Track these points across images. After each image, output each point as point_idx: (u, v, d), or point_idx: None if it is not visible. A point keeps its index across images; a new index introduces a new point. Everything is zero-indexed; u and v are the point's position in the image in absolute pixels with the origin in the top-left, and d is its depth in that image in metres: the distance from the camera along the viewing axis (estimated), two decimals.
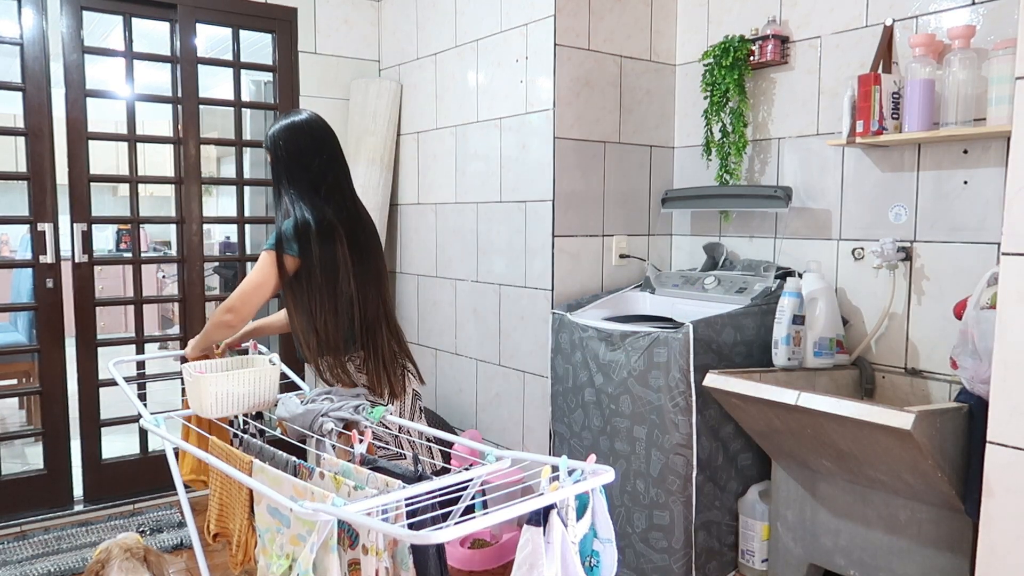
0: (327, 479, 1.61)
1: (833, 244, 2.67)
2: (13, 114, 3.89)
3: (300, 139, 2.13)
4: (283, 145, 2.12)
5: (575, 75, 2.85)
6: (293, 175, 2.12)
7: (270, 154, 2.16)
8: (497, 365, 3.17)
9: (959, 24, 2.28)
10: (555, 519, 1.34)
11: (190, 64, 3.33)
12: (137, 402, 2.10)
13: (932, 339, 2.42)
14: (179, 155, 3.36)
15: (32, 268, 3.14)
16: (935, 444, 1.89)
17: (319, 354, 2.09)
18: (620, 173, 3.03)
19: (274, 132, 2.15)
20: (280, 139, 2.13)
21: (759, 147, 2.89)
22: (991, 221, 2.27)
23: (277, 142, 2.13)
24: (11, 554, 2.85)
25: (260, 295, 2.05)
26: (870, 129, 2.34)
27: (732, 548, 2.60)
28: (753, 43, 2.78)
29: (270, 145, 2.15)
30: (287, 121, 2.16)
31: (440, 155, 3.42)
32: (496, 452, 1.68)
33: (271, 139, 2.15)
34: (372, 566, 1.43)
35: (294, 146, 2.13)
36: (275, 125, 2.17)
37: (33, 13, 3.02)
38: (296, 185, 2.12)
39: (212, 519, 1.89)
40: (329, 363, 2.09)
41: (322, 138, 2.17)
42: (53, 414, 3.18)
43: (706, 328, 2.40)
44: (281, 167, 2.13)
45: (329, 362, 2.09)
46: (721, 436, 2.48)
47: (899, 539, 2.15)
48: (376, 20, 3.79)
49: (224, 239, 6.49)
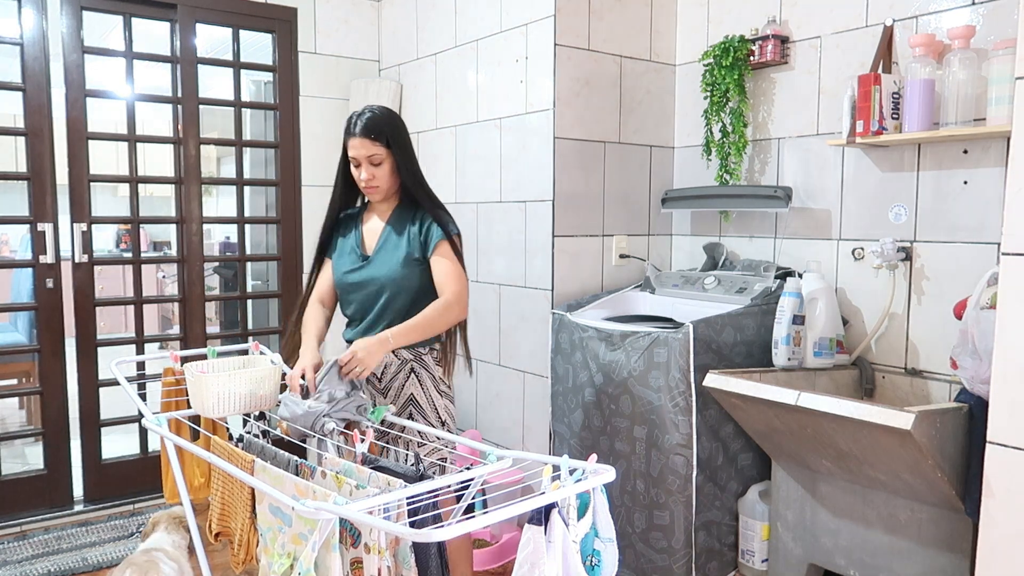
0: (329, 478, 1.62)
1: (833, 244, 2.68)
2: (13, 114, 3.89)
3: (407, 136, 2.18)
4: (402, 135, 2.14)
5: (575, 75, 2.85)
6: (414, 163, 2.18)
7: (393, 150, 2.11)
8: (497, 365, 3.17)
9: (959, 24, 2.28)
10: (556, 518, 1.34)
11: (190, 64, 3.33)
12: (139, 402, 2.11)
13: (932, 339, 2.43)
14: (179, 155, 3.36)
15: (32, 268, 3.14)
16: (935, 444, 1.90)
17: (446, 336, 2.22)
18: (620, 173, 3.03)
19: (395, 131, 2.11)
20: (400, 136, 2.13)
21: (759, 147, 2.89)
22: (991, 221, 2.28)
23: (399, 139, 2.12)
24: (11, 554, 2.85)
25: (466, 280, 2.13)
26: (870, 129, 2.34)
27: (732, 548, 2.60)
28: (753, 43, 2.78)
29: (394, 144, 2.11)
30: (393, 114, 2.15)
31: (440, 155, 3.42)
32: (497, 452, 1.68)
33: (393, 137, 2.10)
34: (374, 564, 1.43)
35: (406, 136, 2.17)
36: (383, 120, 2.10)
37: (33, 13, 3.02)
38: (419, 178, 2.18)
39: (214, 518, 1.90)
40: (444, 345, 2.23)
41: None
42: (53, 414, 3.18)
43: (706, 328, 2.40)
44: (407, 156, 2.14)
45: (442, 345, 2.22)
46: (721, 436, 2.49)
47: (899, 539, 2.16)
48: (376, 20, 3.79)
49: (224, 239, 6.48)
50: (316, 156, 3.64)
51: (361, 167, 2.10)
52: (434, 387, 2.18)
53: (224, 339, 3.84)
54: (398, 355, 2.15)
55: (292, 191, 3.61)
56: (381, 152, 2.08)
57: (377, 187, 2.13)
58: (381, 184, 2.12)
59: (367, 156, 2.08)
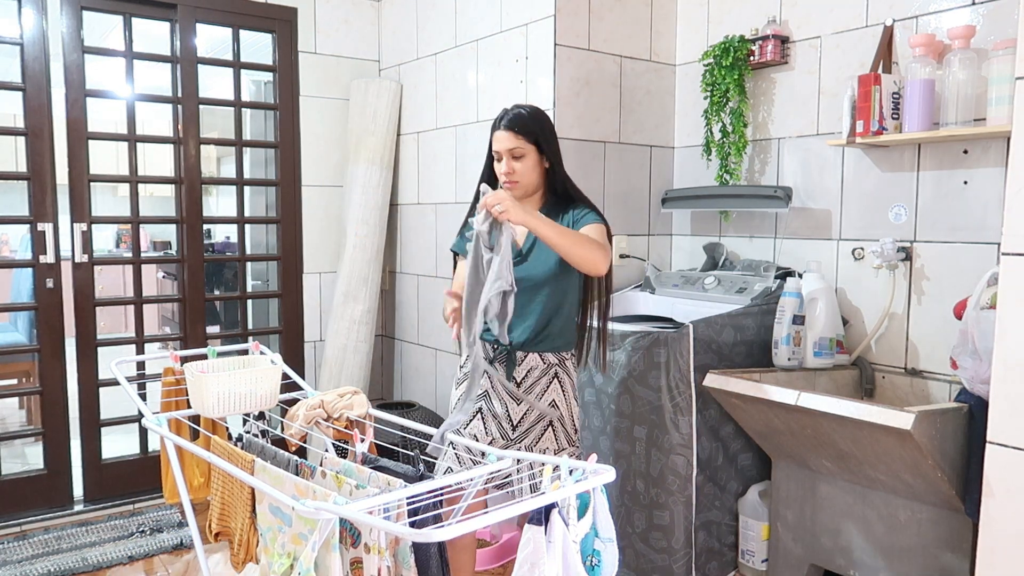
0: (329, 478, 1.62)
1: (833, 244, 2.68)
2: (13, 114, 3.89)
3: (554, 135, 2.16)
4: (547, 132, 2.11)
5: (575, 75, 2.85)
6: (559, 161, 2.15)
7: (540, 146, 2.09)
8: None
9: (959, 24, 2.28)
10: (556, 518, 1.34)
11: (190, 64, 3.33)
12: (140, 402, 2.11)
13: (932, 339, 2.43)
14: (179, 155, 3.36)
15: (32, 268, 3.14)
16: (935, 444, 1.90)
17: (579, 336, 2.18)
18: (620, 173, 3.03)
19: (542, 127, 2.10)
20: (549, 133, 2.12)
21: (759, 147, 2.89)
22: (991, 221, 2.28)
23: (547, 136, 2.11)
24: (11, 554, 2.85)
25: (610, 254, 2.05)
26: (870, 129, 2.34)
27: (732, 548, 2.60)
28: (753, 43, 2.78)
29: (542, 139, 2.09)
30: (543, 114, 2.13)
31: (440, 155, 3.42)
32: (497, 452, 1.68)
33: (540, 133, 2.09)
34: (375, 564, 1.43)
35: (552, 134, 2.14)
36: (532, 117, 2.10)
37: (33, 13, 3.02)
38: (564, 176, 2.16)
39: (214, 518, 1.90)
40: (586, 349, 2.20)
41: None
42: (53, 414, 3.18)
43: (706, 328, 2.40)
44: (552, 152, 2.12)
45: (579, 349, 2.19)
46: (721, 436, 2.49)
47: (899, 539, 2.16)
48: (376, 20, 3.79)
49: (224, 239, 6.49)
50: (316, 156, 3.64)
51: (503, 160, 2.09)
52: (573, 394, 2.15)
53: (224, 339, 3.84)
54: (544, 359, 2.10)
55: (292, 191, 3.61)
56: (524, 146, 2.07)
57: (517, 181, 2.09)
58: (521, 179, 2.09)
59: (509, 149, 2.06)
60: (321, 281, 3.72)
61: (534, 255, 2.10)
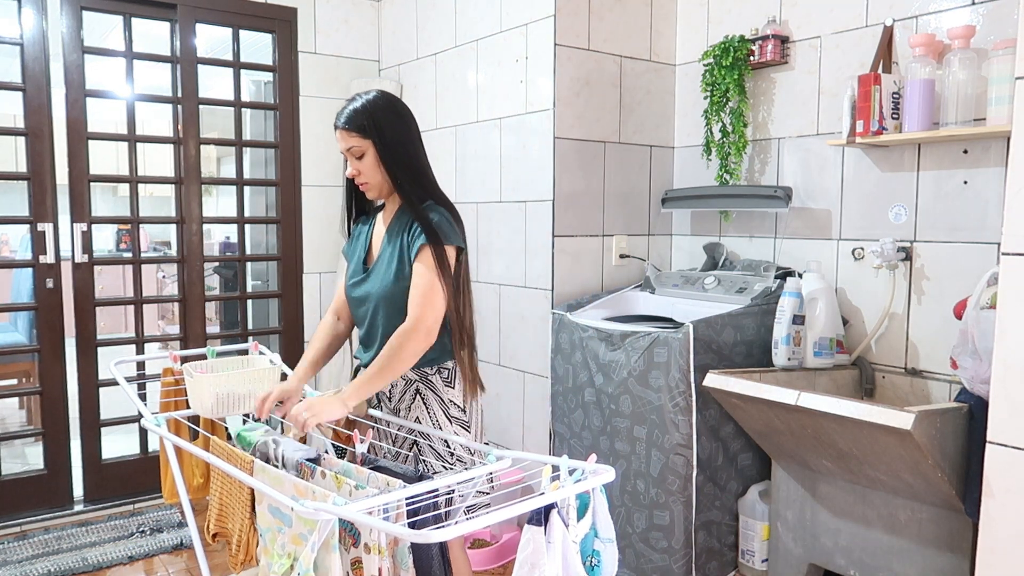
0: (328, 478, 1.62)
1: (833, 244, 2.68)
2: (13, 114, 3.89)
3: (398, 123, 1.91)
4: (387, 123, 1.88)
5: (575, 75, 2.85)
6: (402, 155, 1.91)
7: (374, 140, 1.88)
8: (497, 365, 3.17)
9: (959, 24, 2.28)
10: (556, 519, 1.34)
11: (190, 64, 3.33)
12: (139, 403, 2.11)
13: (932, 339, 2.43)
14: (179, 155, 3.36)
15: (32, 268, 3.14)
16: (935, 444, 1.89)
17: (459, 348, 1.93)
18: (620, 173, 3.03)
19: (375, 119, 1.87)
20: (383, 124, 1.88)
21: (759, 147, 2.89)
22: (991, 221, 2.27)
23: (380, 128, 1.88)
24: (11, 554, 2.85)
25: (442, 299, 1.81)
26: (870, 129, 2.34)
27: (732, 548, 2.60)
28: (753, 43, 2.78)
29: (374, 133, 1.87)
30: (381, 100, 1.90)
31: (440, 155, 3.42)
32: (497, 452, 1.68)
33: (373, 126, 1.87)
34: (375, 564, 1.43)
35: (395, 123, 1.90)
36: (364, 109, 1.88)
37: (33, 13, 3.02)
38: (412, 172, 1.91)
39: (212, 519, 1.90)
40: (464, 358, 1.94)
41: (411, 116, 1.96)
42: (53, 414, 3.18)
43: (706, 328, 2.40)
44: (390, 146, 1.89)
45: (464, 357, 1.93)
46: (721, 436, 2.48)
47: (899, 539, 2.15)
48: (376, 20, 3.79)
49: (224, 239, 6.48)
50: (316, 156, 3.64)
51: (349, 161, 1.92)
52: (443, 412, 1.93)
53: (224, 339, 3.84)
54: (402, 375, 1.92)
55: (292, 191, 3.61)
56: (360, 143, 1.86)
57: (366, 183, 1.92)
58: (369, 180, 1.90)
59: (347, 149, 1.88)
60: (321, 281, 3.72)
61: (373, 271, 1.95)
